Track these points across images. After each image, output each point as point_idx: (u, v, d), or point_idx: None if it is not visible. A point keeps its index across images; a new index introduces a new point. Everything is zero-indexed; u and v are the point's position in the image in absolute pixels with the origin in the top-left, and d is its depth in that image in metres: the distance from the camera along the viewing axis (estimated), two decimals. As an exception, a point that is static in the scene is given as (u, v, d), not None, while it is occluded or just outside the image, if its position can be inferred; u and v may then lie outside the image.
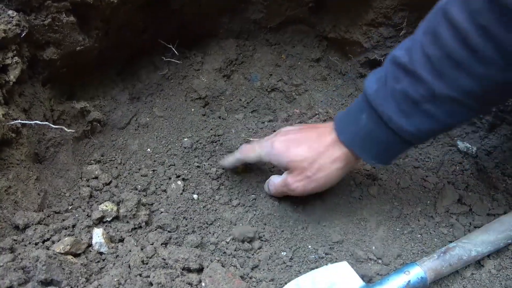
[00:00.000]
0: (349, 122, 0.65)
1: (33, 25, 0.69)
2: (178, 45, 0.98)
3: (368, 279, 0.68)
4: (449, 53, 0.51)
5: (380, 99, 0.59)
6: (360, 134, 0.64)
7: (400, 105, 0.57)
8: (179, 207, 0.77)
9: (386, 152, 0.65)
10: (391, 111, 0.58)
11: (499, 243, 0.66)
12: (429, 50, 0.53)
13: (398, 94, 0.57)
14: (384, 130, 0.61)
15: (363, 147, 0.64)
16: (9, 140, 0.67)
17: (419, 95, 0.55)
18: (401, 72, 0.57)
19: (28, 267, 0.56)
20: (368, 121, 0.62)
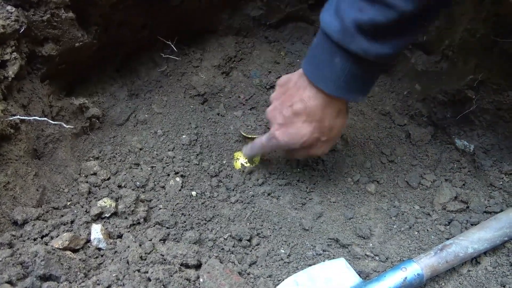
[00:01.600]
0: (324, 70, 0.64)
1: (32, 21, 0.69)
2: (177, 41, 0.98)
3: (365, 275, 0.68)
4: None
5: (350, 36, 0.58)
6: (341, 78, 0.63)
7: (372, 34, 0.57)
8: (177, 204, 0.77)
9: (368, 84, 0.67)
10: (366, 44, 0.58)
11: (496, 240, 0.67)
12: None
13: (366, 25, 0.56)
14: (363, 64, 0.61)
15: (349, 90, 0.65)
16: (8, 135, 0.67)
17: (388, 20, 0.55)
18: (363, 3, 0.56)
19: (26, 262, 0.56)
20: (344, 63, 0.61)
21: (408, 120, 0.98)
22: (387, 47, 0.59)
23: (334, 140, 0.75)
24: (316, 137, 0.70)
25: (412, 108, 0.99)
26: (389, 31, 0.57)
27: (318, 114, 0.68)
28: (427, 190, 0.84)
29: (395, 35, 0.58)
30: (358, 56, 0.60)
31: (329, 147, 0.75)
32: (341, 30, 0.58)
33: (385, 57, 0.60)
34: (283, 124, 0.71)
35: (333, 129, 0.70)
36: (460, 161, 0.89)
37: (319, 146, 0.72)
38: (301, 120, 0.69)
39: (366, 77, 0.65)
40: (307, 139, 0.69)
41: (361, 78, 0.64)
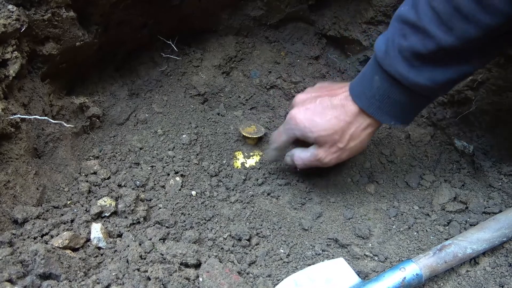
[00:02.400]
0: (364, 86, 0.65)
1: (33, 20, 0.69)
2: (177, 41, 0.98)
3: (364, 275, 0.69)
4: (457, 6, 0.52)
5: (390, 59, 0.60)
6: (376, 97, 0.64)
7: (410, 61, 0.58)
8: (177, 203, 0.77)
9: (404, 111, 0.65)
10: (403, 69, 0.59)
11: (494, 241, 0.67)
12: (436, 4, 0.54)
13: (406, 51, 0.58)
14: (399, 89, 0.61)
15: (381, 110, 0.65)
16: (8, 134, 0.67)
17: (427, 50, 0.56)
18: (408, 29, 0.57)
19: (26, 261, 0.56)
20: (381, 83, 0.63)
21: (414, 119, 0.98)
22: (424, 77, 0.59)
23: (346, 153, 0.71)
24: (334, 139, 0.69)
25: (411, 109, 0.99)
26: (427, 61, 0.58)
27: (349, 118, 0.67)
28: (426, 191, 0.84)
29: (433, 67, 0.58)
30: (395, 79, 0.61)
31: (337, 160, 0.72)
32: (385, 51, 0.61)
33: (422, 87, 0.60)
34: (311, 109, 0.70)
35: (353, 140, 0.69)
36: (459, 161, 0.89)
37: (332, 150, 0.70)
38: (332, 114, 0.68)
39: (403, 103, 0.64)
40: (328, 134, 0.68)
41: (398, 103, 0.64)
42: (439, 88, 0.61)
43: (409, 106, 0.65)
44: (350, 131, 0.68)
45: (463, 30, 0.53)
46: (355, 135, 0.68)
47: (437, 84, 0.60)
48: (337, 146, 0.69)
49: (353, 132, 0.68)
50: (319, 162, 0.72)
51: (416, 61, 0.58)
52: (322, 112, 0.69)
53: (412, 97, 0.63)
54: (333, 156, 0.71)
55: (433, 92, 0.62)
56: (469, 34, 0.53)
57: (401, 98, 0.63)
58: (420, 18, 0.56)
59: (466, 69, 0.59)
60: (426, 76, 0.59)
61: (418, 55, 0.57)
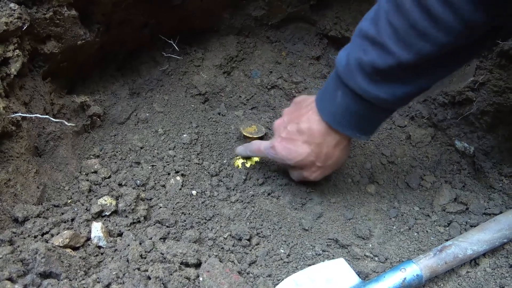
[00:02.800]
0: (327, 101, 0.67)
1: (35, 19, 0.69)
2: (178, 40, 0.99)
3: (364, 276, 0.69)
4: (413, 23, 0.52)
5: (351, 73, 0.60)
6: (340, 113, 0.65)
7: (370, 76, 0.59)
8: (177, 203, 0.77)
9: (367, 124, 0.67)
10: (363, 84, 0.59)
11: (495, 242, 0.67)
12: (394, 20, 0.54)
13: (367, 66, 0.58)
14: (361, 103, 0.62)
15: (346, 125, 0.66)
16: (9, 133, 0.67)
17: (387, 66, 0.56)
18: (368, 44, 0.58)
19: (27, 259, 0.56)
20: (343, 98, 0.63)
21: (408, 121, 0.98)
22: (384, 92, 0.59)
23: (328, 169, 0.75)
24: (311, 160, 0.72)
25: (412, 110, 0.99)
26: (387, 76, 0.58)
27: (318, 139, 0.69)
28: (427, 192, 0.84)
29: (392, 82, 0.59)
30: (356, 94, 0.62)
31: (322, 175, 0.76)
32: (346, 65, 0.61)
33: (383, 101, 0.61)
34: (284, 138, 0.73)
35: (329, 158, 0.71)
36: (460, 162, 0.89)
37: (312, 170, 0.74)
38: (302, 140, 0.71)
39: (366, 117, 0.65)
40: (303, 159, 0.72)
41: (360, 117, 0.65)
42: (399, 102, 0.63)
43: (371, 119, 0.66)
44: (323, 151, 0.70)
45: (419, 46, 0.53)
46: (329, 154, 0.71)
47: (397, 98, 0.60)
48: (316, 166, 0.73)
49: (326, 151, 0.70)
50: (307, 179, 0.77)
51: (376, 76, 0.58)
52: (293, 139, 0.72)
53: (374, 111, 0.63)
54: (317, 174, 0.75)
55: (394, 105, 0.63)
56: (425, 51, 0.53)
57: (364, 112, 0.64)
58: (379, 33, 0.56)
59: (424, 83, 0.60)
60: (386, 90, 0.59)
61: (378, 70, 0.57)
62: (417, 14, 0.51)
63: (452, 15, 0.49)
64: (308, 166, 0.73)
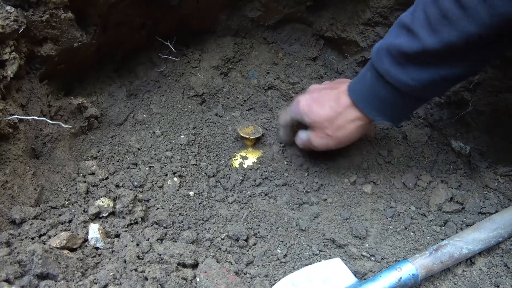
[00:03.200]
0: (358, 82, 0.71)
1: (31, 21, 0.69)
2: (175, 42, 0.99)
3: (361, 275, 0.69)
4: (444, 11, 0.55)
5: (380, 55, 0.64)
6: (365, 92, 0.69)
7: (396, 59, 0.62)
8: (175, 204, 0.77)
9: (392, 109, 0.69)
10: (388, 65, 0.63)
11: (490, 241, 0.67)
12: (428, 8, 0.57)
13: (393, 49, 0.62)
14: (385, 85, 0.65)
15: (369, 105, 0.69)
16: (6, 135, 0.67)
17: (412, 50, 0.59)
18: (402, 30, 0.61)
19: (24, 261, 0.56)
20: (371, 79, 0.67)
21: (405, 121, 0.99)
22: (406, 75, 0.62)
23: (335, 141, 0.76)
24: (325, 125, 0.75)
25: (409, 110, 0.99)
26: (411, 60, 0.61)
27: (340, 109, 0.73)
28: (423, 191, 0.85)
29: (416, 66, 0.61)
30: (382, 76, 0.65)
31: (325, 145, 0.77)
32: (377, 49, 0.65)
33: (404, 85, 0.63)
34: (313, 98, 0.77)
35: (341, 129, 0.74)
36: (456, 162, 0.89)
37: (320, 135, 0.76)
38: (327, 104, 0.74)
39: (389, 101, 0.67)
40: (319, 120, 0.75)
41: (385, 100, 0.67)
42: (424, 89, 0.64)
43: (396, 105, 0.68)
44: (338, 121, 0.73)
45: (446, 34, 0.56)
46: (342, 125, 0.73)
47: (420, 84, 0.62)
48: (325, 133, 0.75)
49: (341, 122, 0.73)
50: (310, 144, 0.80)
51: (401, 59, 0.61)
52: (321, 102, 0.75)
53: (398, 96, 0.66)
54: (322, 142, 0.77)
55: (419, 92, 0.65)
56: (451, 39, 0.56)
57: (388, 96, 0.66)
58: (413, 21, 0.59)
59: (448, 73, 0.61)
60: (409, 74, 0.62)
61: (404, 54, 0.61)
62: (450, 3, 0.54)
63: (483, 5, 0.51)
64: (318, 129, 0.76)
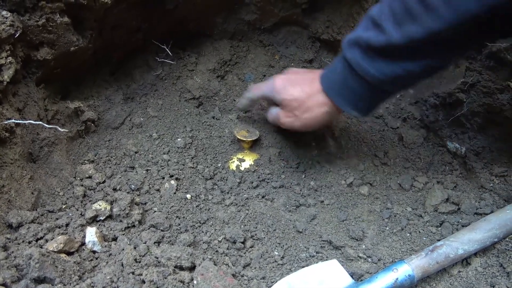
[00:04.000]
0: (331, 70, 0.73)
1: (27, 26, 0.69)
2: (172, 45, 0.99)
3: (357, 277, 0.69)
4: (408, 7, 0.57)
5: (351, 47, 0.66)
6: (336, 81, 0.70)
7: (365, 51, 0.63)
8: (172, 206, 0.78)
9: (361, 100, 0.70)
10: (358, 57, 0.64)
11: (486, 241, 0.67)
12: (394, 4, 0.59)
13: (363, 42, 0.63)
14: (353, 75, 0.66)
15: (338, 94, 0.71)
16: (3, 139, 0.67)
17: (379, 44, 0.61)
18: (370, 23, 0.63)
19: (21, 265, 0.56)
20: (342, 69, 0.68)
21: (400, 123, 0.99)
22: (375, 68, 0.63)
23: (300, 122, 0.77)
24: (294, 106, 0.76)
25: (404, 111, 1.00)
26: (379, 54, 0.62)
27: (310, 92, 0.74)
28: (419, 192, 0.85)
29: (383, 60, 0.62)
30: (352, 67, 0.66)
31: (291, 124, 0.79)
32: (347, 41, 0.67)
33: (373, 78, 0.64)
34: (288, 79, 0.79)
35: (308, 111, 0.75)
36: (451, 163, 0.90)
37: (288, 114, 0.78)
38: (300, 87, 0.76)
39: (358, 91, 0.68)
40: (289, 99, 0.77)
41: (351, 90, 0.69)
42: (391, 82, 0.65)
43: (364, 96, 0.69)
44: (307, 103, 0.75)
45: (410, 29, 0.57)
46: (310, 108, 0.75)
47: (388, 77, 0.63)
48: (293, 113, 0.77)
49: (310, 105, 0.75)
50: (277, 121, 0.82)
51: (369, 52, 0.63)
52: (295, 83, 0.78)
53: (367, 88, 0.67)
54: (288, 120, 0.79)
55: (386, 85, 0.66)
56: (414, 34, 0.57)
57: (356, 86, 0.68)
58: (379, 15, 0.61)
59: (415, 67, 0.62)
60: (376, 67, 0.63)
61: (372, 47, 0.62)
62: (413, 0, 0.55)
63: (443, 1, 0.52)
64: (287, 108, 0.78)
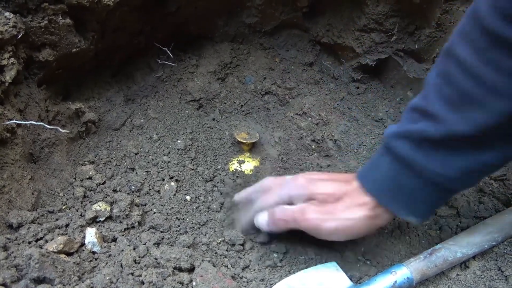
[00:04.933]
0: (371, 168, 0.62)
1: (30, 27, 0.70)
2: (173, 47, 1.00)
3: (357, 279, 0.69)
4: (462, 90, 0.50)
5: (399, 140, 0.57)
6: (384, 180, 0.59)
7: (420, 144, 0.54)
8: (172, 208, 0.78)
9: (418, 202, 0.58)
10: (411, 151, 0.55)
11: (484, 244, 0.68)
12: (444, 91, 0.52)
13: (415, 134, 0.55)
14: (407, 172, 0.57)
15: (389, 196, 0.59)
16: (4, 140, 0.68)
17: (438, 133, 0.52)
18: (418, 115, 0.55)
19: (21, 265, 0.56)
20: (390, 165, 0.58)
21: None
22: (433, 162, 0.54)
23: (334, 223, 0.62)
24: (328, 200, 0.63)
25: (404, 115, 1.00)
26: (438, 146, 0.53)
27: (349, 189, 0.63)
28: (418, 196, 0.85)
29: (444, 152, 0.53)
30: (404, 161, 0.56)
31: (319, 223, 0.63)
32: (392, 133, 0.58)
33: (432, 173, 0.55)
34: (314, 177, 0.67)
35: (345, 211, 0.62)
36: (451, 167, 0.90)
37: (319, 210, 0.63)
38: (333, 181, 0.65)
39: (411, 190, 0.57)
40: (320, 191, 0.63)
41: (405, 190, 0.58)
42: (460, 177, 0.55)
43: (424, 196, 0.58)
44: (346, 200, 0.62)
45: (474, 116, 0.49)
46: (349, 207, 0.61)
47: (451, 172, 0.54)
48: (327, 208, 0.62)
49: (349, 203, 0.62)
50: (300, 215, 0.64)
51: (425, 144, 0.54)
52: (324, 180, 0.66)
53: (424, 185, 0.56)
54: (316, 216, 0.63)
55: (452, 182, 0.55)
56: (482, 121, 0.49)
57: (414, 185, 0.57)
58: (429, 104, 0.53)
59: (489, 157, 0.53)
60: (436, 160, 0.54)
61: (428, 139, 0.54)
62: (468, 83, 0.49)
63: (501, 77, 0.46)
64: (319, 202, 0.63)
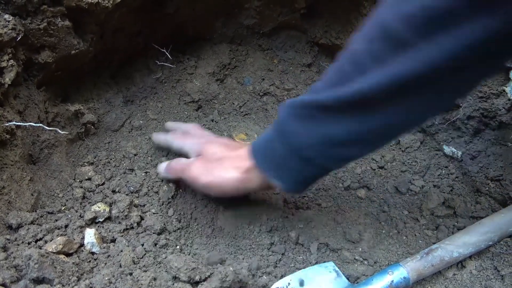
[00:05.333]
0: (262, 135, 0.64)
1: (29, 29, 0.70)
2: (172, 49, 1.00)
3: (354, 279, 0.70)
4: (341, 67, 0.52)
5: (286, 107, 0.57)
6: (265, 143, 0.62)
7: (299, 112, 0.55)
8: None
9: (285, 169, 0.59)
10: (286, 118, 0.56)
11: (480, 244, 0.68)
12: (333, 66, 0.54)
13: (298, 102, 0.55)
14: (279, 138, 0.58)
15: (264, 158, 0.61)
16: (4, 141, 0.68)
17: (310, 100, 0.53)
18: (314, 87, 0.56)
19: (20, 265, 0.57)
20: (272, 131, 0.60)
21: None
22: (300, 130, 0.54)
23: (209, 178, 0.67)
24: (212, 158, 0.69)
25: (402, 115, 1.01)
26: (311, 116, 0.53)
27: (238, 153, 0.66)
28: (415, 196, 0.86)
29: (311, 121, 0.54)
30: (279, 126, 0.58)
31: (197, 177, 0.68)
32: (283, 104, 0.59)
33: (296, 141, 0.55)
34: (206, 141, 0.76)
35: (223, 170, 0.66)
36: (448, 167, 0.90)
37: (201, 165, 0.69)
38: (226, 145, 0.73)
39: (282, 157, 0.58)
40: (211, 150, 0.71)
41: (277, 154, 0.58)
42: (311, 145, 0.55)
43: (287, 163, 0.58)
44: (225, 161, 0.67)
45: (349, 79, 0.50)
46: (226, 167, 0.66)
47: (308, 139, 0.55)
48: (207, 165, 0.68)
49: (227, 164, 0.66)
50: (186, 166, 0.72)
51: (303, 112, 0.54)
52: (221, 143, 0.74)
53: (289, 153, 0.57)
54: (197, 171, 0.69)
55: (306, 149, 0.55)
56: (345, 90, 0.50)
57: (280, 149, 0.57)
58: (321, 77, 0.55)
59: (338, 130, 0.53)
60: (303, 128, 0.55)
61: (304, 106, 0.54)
62: None
63: None
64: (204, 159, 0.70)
